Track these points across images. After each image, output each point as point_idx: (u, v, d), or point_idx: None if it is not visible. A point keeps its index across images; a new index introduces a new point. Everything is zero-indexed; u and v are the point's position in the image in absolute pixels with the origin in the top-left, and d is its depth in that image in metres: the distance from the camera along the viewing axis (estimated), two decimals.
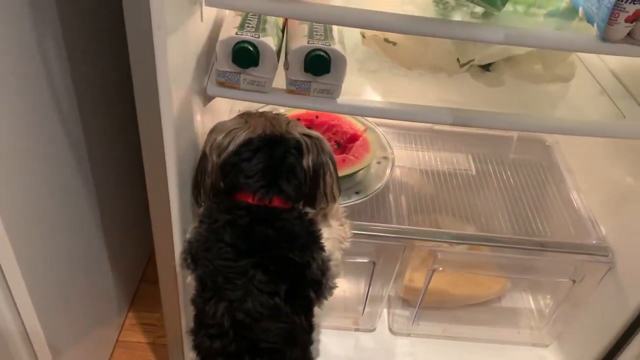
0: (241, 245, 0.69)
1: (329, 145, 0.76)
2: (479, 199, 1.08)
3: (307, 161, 0.72)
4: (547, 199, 1.07)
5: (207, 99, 0.81)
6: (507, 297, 1.15)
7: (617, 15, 0.69)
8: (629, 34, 0.71)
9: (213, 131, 0.75)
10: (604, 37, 0.71)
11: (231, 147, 0.71)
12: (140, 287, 1.23)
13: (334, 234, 0.81)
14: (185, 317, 0.89)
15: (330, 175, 0.75)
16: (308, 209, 0.78)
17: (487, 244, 0.95)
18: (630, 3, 0.67)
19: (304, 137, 0.73)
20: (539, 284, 1.14)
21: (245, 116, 0.76)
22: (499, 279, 1.11)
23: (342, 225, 0.84)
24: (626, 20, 0.69)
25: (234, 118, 0.77)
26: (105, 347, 1.09)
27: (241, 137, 0.71)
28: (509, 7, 0.80)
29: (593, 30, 0.73)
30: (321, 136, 0.76)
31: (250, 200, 0.70)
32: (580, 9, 0.76)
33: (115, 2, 0.57)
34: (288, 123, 0.75)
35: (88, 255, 0.94)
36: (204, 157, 0.73)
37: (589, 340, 0.98)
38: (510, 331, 1.10)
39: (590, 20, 0.74)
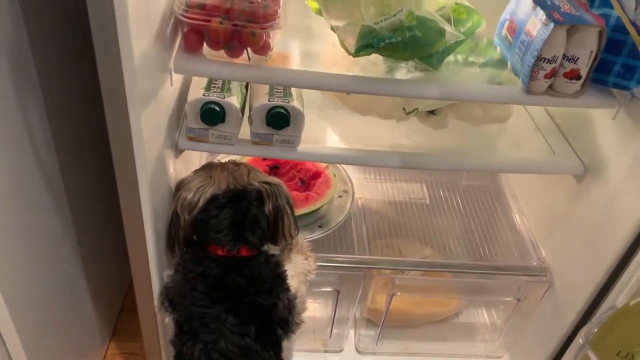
0: (213, 293, 0.77)
1: (286, 190, 0.85)
2: (433, 225, 1.17)
3: (268, 207, 0.81)
4: (494, 223, 1.17)
5: (179, 151, 0.89)
6: (464, 313, 1.24)
7: (537, 72, 0.79)
8: (550, 87, 0.82)
9: (180, 188, 0.83)
10: (528, 90, 0.81)
11: (200, 204, 0.79)
12: (121, 316, 1.29)
13: (299, 269, 0.89)
14: (166, 352, 0.96)
15: (288, 218, 0.83)
16: (274, 247, 0.87)
17: (442, 270, 1.04)
18: (547, 63, 0.78)
19: (264, 185, 0.82)
20: (491, 300, 1.23)
21: (209, 170, 0.83)
22: None
23: (307, 258, 0.92)
24: (545, 77, 0.79)
25: (199, 172, 0.84)
26: None
27: (208, 193, 0.79)
28: (450, 57, 0.90)
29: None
30: (279, 182, 0.84)
31: (220, 252, 0.79)
32: (509, 62, 0.87)
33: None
34: (249, 174, 0.83)
35: (69, 291, 0.98)
36: (176, 215, 0.80)
37: (535, 351, 1.07)
38: (467, 345, 1.19)
39: (516, 74, 0.84)
